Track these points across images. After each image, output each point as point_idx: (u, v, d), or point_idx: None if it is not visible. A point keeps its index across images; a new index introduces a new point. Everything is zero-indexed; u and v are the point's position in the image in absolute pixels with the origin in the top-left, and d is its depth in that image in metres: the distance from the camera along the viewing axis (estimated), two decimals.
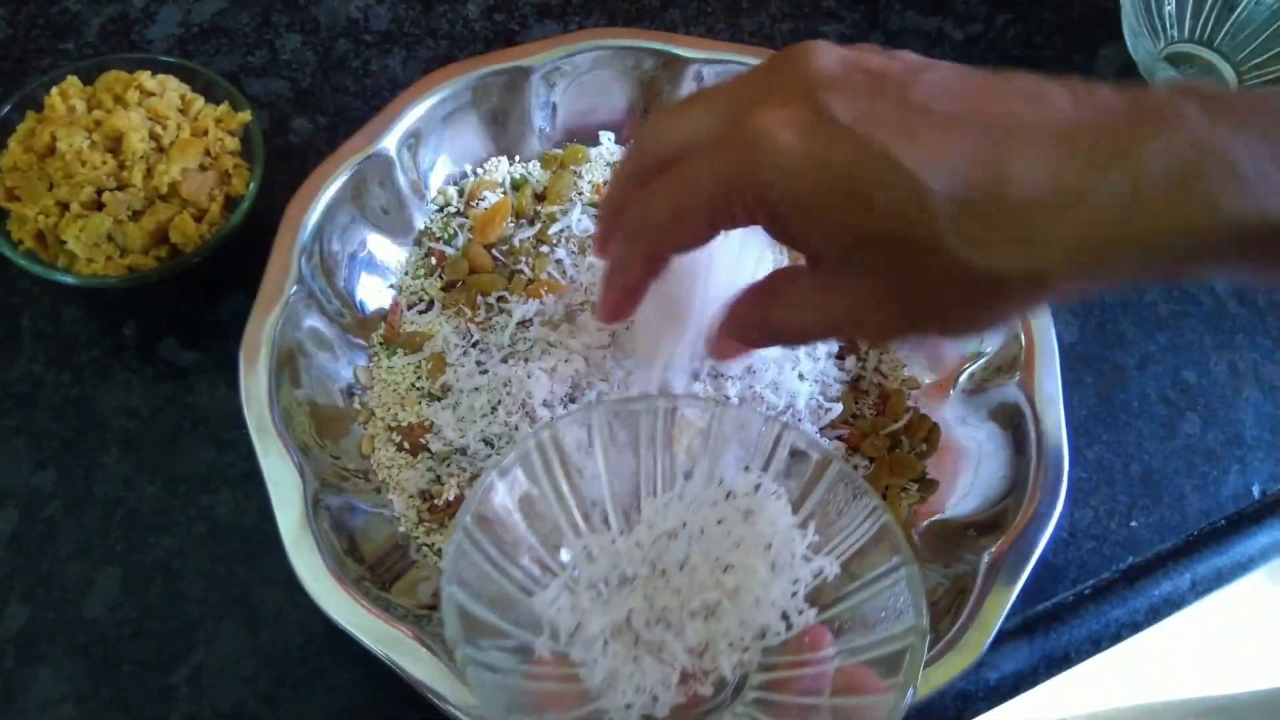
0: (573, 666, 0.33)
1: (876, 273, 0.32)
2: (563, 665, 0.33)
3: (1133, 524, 0.54)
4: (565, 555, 0.36)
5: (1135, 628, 0.52)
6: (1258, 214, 0.28)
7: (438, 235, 0.55)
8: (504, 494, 0.35)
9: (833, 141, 0.30)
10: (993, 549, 0.45)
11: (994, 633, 0.43)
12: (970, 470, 0.50)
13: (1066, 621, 0.52)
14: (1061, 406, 0.48)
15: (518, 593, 0.34)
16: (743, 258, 0.43)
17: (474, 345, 0.52)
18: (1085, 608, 0.52)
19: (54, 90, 0.51)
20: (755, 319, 0.38)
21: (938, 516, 0.49)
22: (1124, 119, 0.29)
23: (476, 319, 0.52)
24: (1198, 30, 0.69)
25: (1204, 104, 0.28)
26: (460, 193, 0.56)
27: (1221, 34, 0.69)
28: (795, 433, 0.37)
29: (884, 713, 0.30)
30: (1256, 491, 0.56)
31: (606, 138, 0.59)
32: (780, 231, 0.34)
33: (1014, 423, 0.49)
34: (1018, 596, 0.44)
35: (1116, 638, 0.52)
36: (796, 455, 0.37)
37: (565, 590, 0.34)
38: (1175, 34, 0.69)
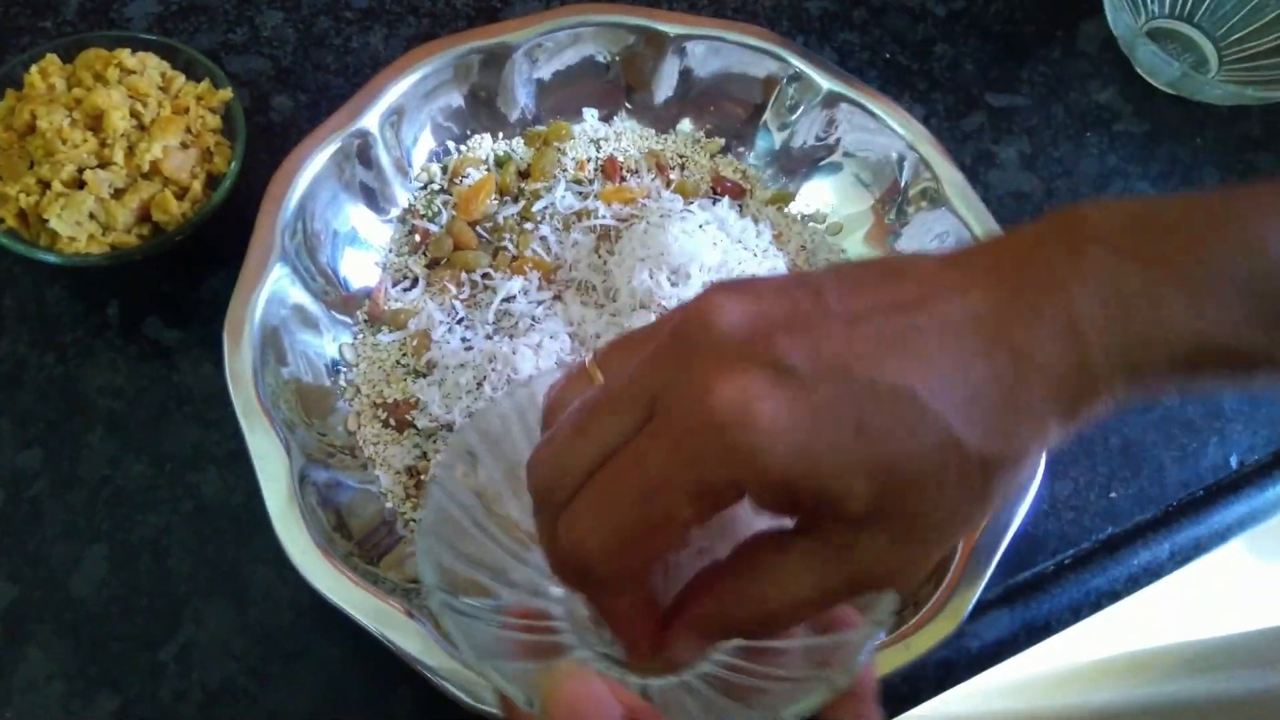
0: (547, 619, 0.33)
1: (893, 515, 0.28)
2: (537, 618, 0.33)
3: (1112, 495, 0.55)
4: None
5: (1115, 597, 0.53)
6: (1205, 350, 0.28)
7: (422, 212, 0.55)
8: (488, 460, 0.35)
9: (810, 388, 0.27)
10: None
11: (974, 601, 0.44)
12: None
13: (1047, 591, 0.52)
14: None
15: (495, 548, 0.34)
16: None
17: (459, 322, 0.52)
18: (1065, 577, 0.53)
19: (33, 68, 0.51)
20: (734, 608, 0.31)
21: None
22: (1032, 274, 0.29)
23: (461, 296, 0.53)
24: (1178, 6, 0.70)
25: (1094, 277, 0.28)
26: (444, 170, 0.56)
27: (1202, 9, 0.69)
28: None
29: (856, 649, 0.30)
30: (1234, 463, 0.57)
31: (590, 114, 0.59)
32: (775, 504, 0.28)
33: None
34: (998, 567, 0.45)
35: (1096, 606, 0.53)
36: None
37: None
38: (1156, 9, 0.70)
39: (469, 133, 0.57)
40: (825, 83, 0.56)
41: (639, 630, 0.32)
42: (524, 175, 0.57)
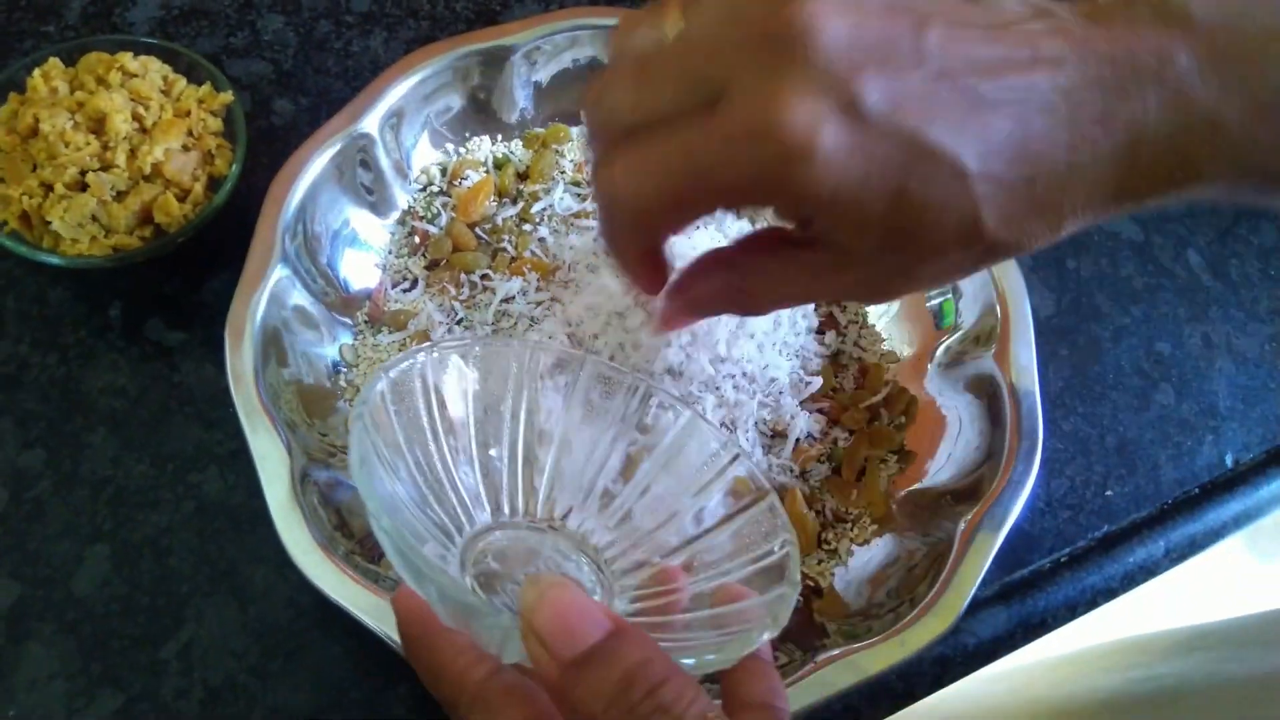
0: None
1: (890, 257, 0.31)
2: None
3: (1108, 493, 0.55)
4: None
5: (1111, 594, 0.53)
6: (1244, 175, 0.30)
7: (421, 214, 0.55)
8: (454, 382, 0.36)
9: (875, 138, 0.28)
10: (969, 515, 0.45)
11: (970, 596, 0.44)
12: (949, 441, 0.51)
13: (1043, 588, 0.52)
14: (1036, 376, 0.49)
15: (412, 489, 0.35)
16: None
17: (458, 323, 0.52)
18: (1061, 575, 0.53)
19: (36, 72, 0.51)
20: (725, 290, 0.36)
21: (916, 485, 0.50)
22: (1120, 66, 0.29)
23: (460, 297, 0.53)
24: None
25: (1193, 49, 0.29)
26: (443, 172, 0.57)
27: None
28: (745, 463, 0.38)
29: (760, 611, 0.32)
30: (1230, 461, 0.57)
31: None
32: (797, 220, 0.32)
33: (989, 393, 0.50)
34: (995, 564, 0.45)
35: (1092, 604, 0.53)
36: (738, 481, 0.38)
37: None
38: None
39: (468, 135, 0.58)
40: None
41: (646, 281, 0.37)
42: (523, 177, 0.57)
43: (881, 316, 0.55)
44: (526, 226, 0.55)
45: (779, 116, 0.28)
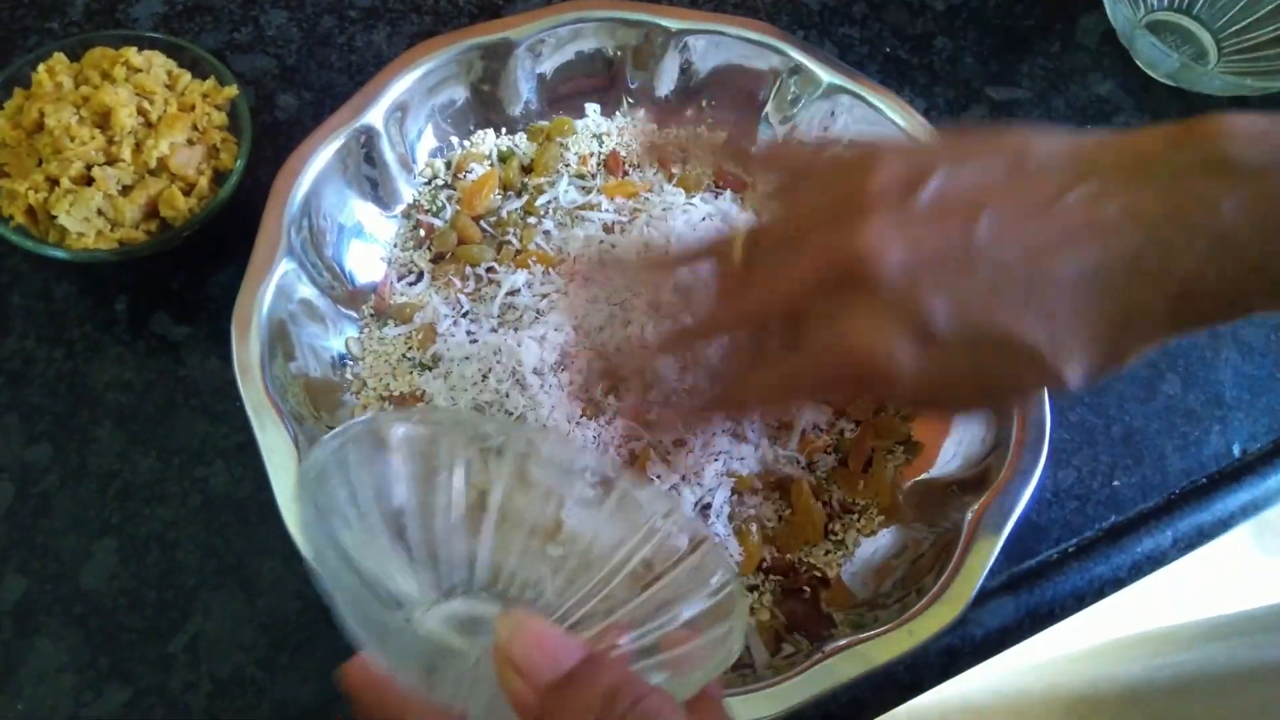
0: None
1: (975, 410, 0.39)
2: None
3: (1115, 483, 0.55)
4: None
5: (1118, 584, 0.53)
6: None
7: (426, 207, 0.55)
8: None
9: (947, 348, 0.32)
10: (976, 506, 0.45)
11: (978, 586, 0.44)
12: (955, 432, 0.51)
13: (1050, 578, 0.52)
14: None
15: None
16: None
17: (464, 315, 0.52)
18: (1069, 565, 0.53)
19: (41, 67, 0.51)
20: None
21: (922, 476, 0.50)
22: (1171, 225, 0.31)
23: (466, 290, 0.53)
24: None
25: (1240, 198, 0.30)
26: (447, 165, 0.57)
27: (1200, 1, 0.69)
28: (677, 518, 0.38)
29: (705, 651, 0.32)
30: (1236, 451, 0.57)
31: (592, 110, 0.59)
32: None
33: None
34: (1002, 554, 0.45)
35: (1100, 594, 0.53)
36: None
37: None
38: (1155, 2, 0.70)
39: (472, 128, 0.58)
40: (826, 75, 0.56)
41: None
42: (527, 170, 0.57)
43: None
44: (531, 219, 0.55)
45: (857, 349, 0.32)
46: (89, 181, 0.49)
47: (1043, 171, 0.32)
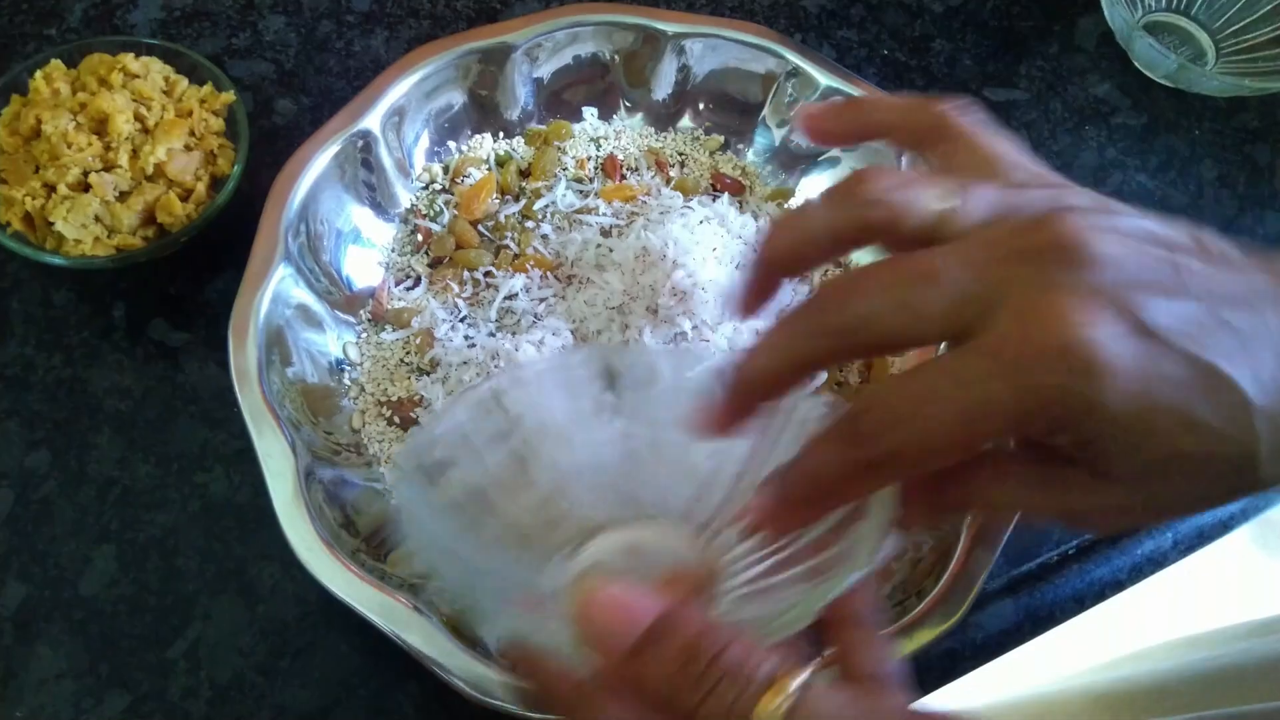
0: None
1: (1153, 484, 0.29)
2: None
3: None
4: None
5: (1119, 586, 0.53)
6: None
7: (424, 212, 0.55)
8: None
9: (1164, 356, 0.26)
10: None
11: (977, 590, 0.44)
12: None
13: (1051, 581, 0.52)
14: None
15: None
16: None
17: (462, 320, 0.52)
18: (1069, 567, 0.53)
19: (38, 73, 0.51)
20: (960, 495, 0.31)
21: None
22: None
23: (464, 294, 0.53)
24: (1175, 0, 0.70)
25: None
26: (445, 170, 0.57)
27: (1199, 2, 0.69)
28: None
29: (845, 554, 0.30)
30: None
31: (590, 113, 0.59)
32: (1067, 448, 0.28)
33: None
34: (1002, 557, 0.45)
35: (1100, 596, 0.53)
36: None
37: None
38: (1153, 3, 0.70)
39: (470, 133, 0.58)
40: (823, 78, 0.56)
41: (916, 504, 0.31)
42: (525, 174, 0.57)
43: None
44: (529, 223, 0.55)
45: (1066, 330, 0.26)
46: (86, 188, 0.49)
47: (1224, 251, 0.29)
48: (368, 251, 0.54)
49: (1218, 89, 0.65)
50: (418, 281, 0.54)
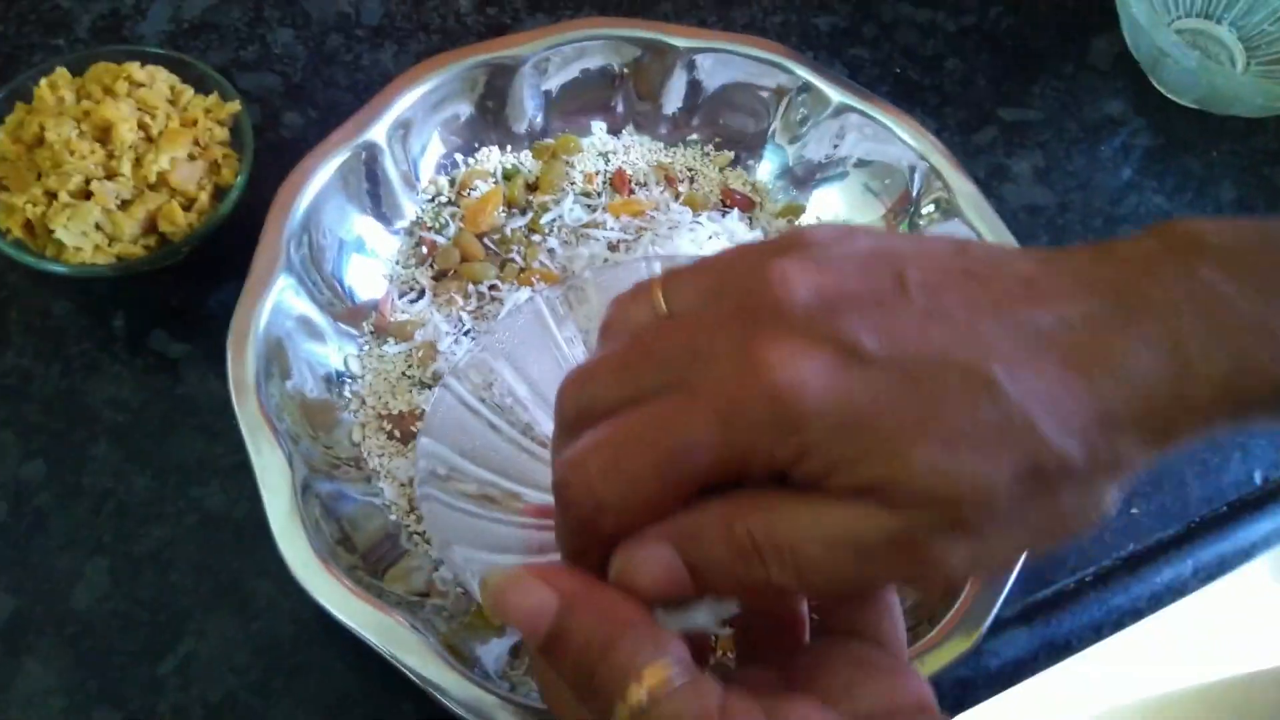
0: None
1: (949, 505, 0.26)
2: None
3: (1134, 511, 0.54)
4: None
5: (1137, 615, 0.52)
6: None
7: (429, 224, 0.55)
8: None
9: (876, 372, 0.25)
10: None
11: (990, 617, 0.42)
12: None
13: (1067, 609, 0.51)
14: None
15: (506, 445, 0.34)
16: None
17: (466, 333, 0.52)
18: (1086, 595, 0.51)
19: (43, 81, 0.51)
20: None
21: None
22: (1127, 291, 0.27)
23: (468, 307, 0.52)
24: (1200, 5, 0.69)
25: (1215, 267, 0.27)
26: (451, 183, 0.56)
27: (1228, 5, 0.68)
28: None
29: None
30: (1258, 478, 0.56)
31: (598, 127, 0.59)
32: (813, 479, 0.26)
33: None
34: (1017, 583, 0.44)
35: (1118, 625, 0.51)
36: None
37: None
38: (1180, 8, 0.69)
39: (477, 145, 0.57)
40: (835, 95, 0.55)
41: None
42: (532, 188, 0.57)
43: None
44: (535, 237, 0.54)
45: (763, 372, 0.25)
46: (88, 196, 0.49)
47: (990, 262, 0.28)
48: (371, 263, 0.53)
49: (1247, 91, 0.63)
50: (421, 294, 0.53)
